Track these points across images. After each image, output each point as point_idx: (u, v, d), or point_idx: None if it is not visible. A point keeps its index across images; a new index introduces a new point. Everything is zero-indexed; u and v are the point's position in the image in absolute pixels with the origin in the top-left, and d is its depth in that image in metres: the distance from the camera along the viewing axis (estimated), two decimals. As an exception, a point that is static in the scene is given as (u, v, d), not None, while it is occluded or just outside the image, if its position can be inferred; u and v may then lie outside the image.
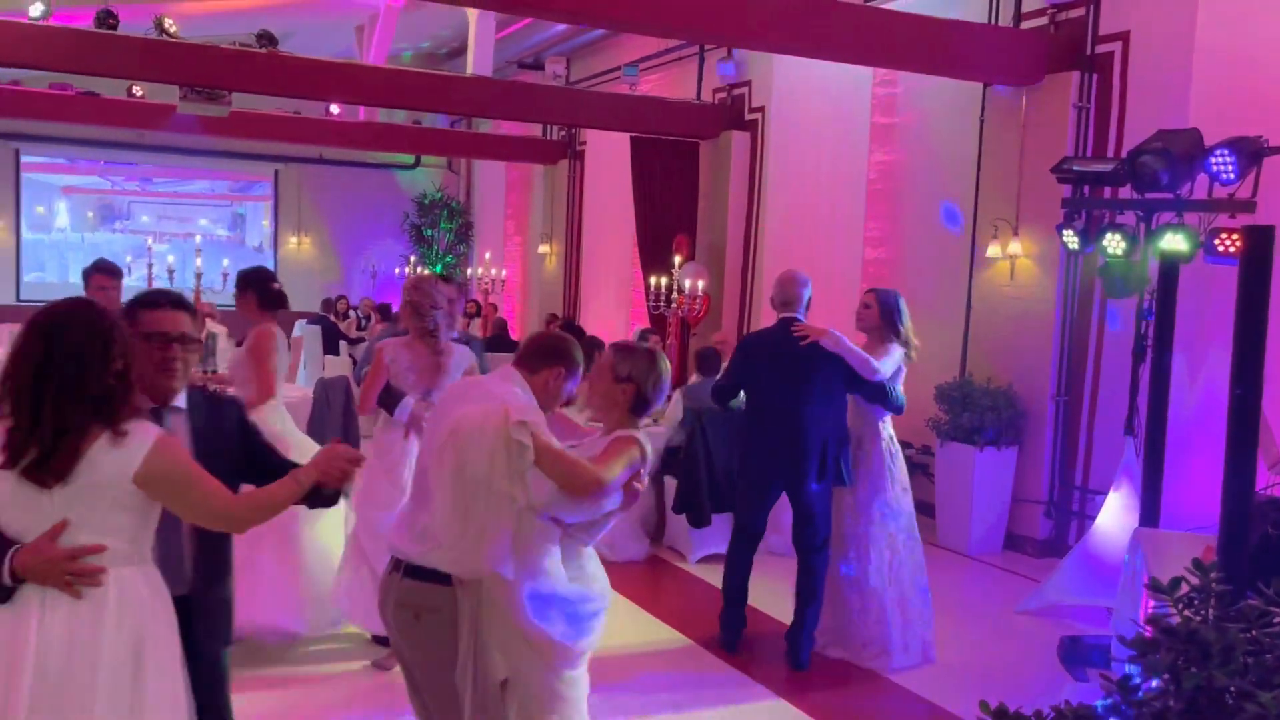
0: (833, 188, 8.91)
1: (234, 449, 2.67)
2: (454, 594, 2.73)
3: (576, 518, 2.83)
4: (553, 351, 3.01)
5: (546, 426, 2.86)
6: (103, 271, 5.34)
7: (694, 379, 7.23)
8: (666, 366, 3.11)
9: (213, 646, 2.68)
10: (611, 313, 12.09)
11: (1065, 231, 5.48)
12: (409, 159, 16.63)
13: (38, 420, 2.21)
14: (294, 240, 16.51)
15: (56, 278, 15.21)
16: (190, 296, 6.84)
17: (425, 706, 2.90)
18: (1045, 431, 6.98)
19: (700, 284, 8.65)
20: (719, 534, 6.18)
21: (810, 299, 4.95)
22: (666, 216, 10.21)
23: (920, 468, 7.73)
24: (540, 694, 2.79)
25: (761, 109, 9.79)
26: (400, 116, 13.53)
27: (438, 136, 14.35)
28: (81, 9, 8.75)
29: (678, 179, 10.25)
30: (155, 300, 2.63)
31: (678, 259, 9.26)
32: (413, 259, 15.73)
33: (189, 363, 2.61)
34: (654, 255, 10.13)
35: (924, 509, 7.51)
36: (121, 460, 2.25)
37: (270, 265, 16.26)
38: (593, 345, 6.34)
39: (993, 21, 7.42)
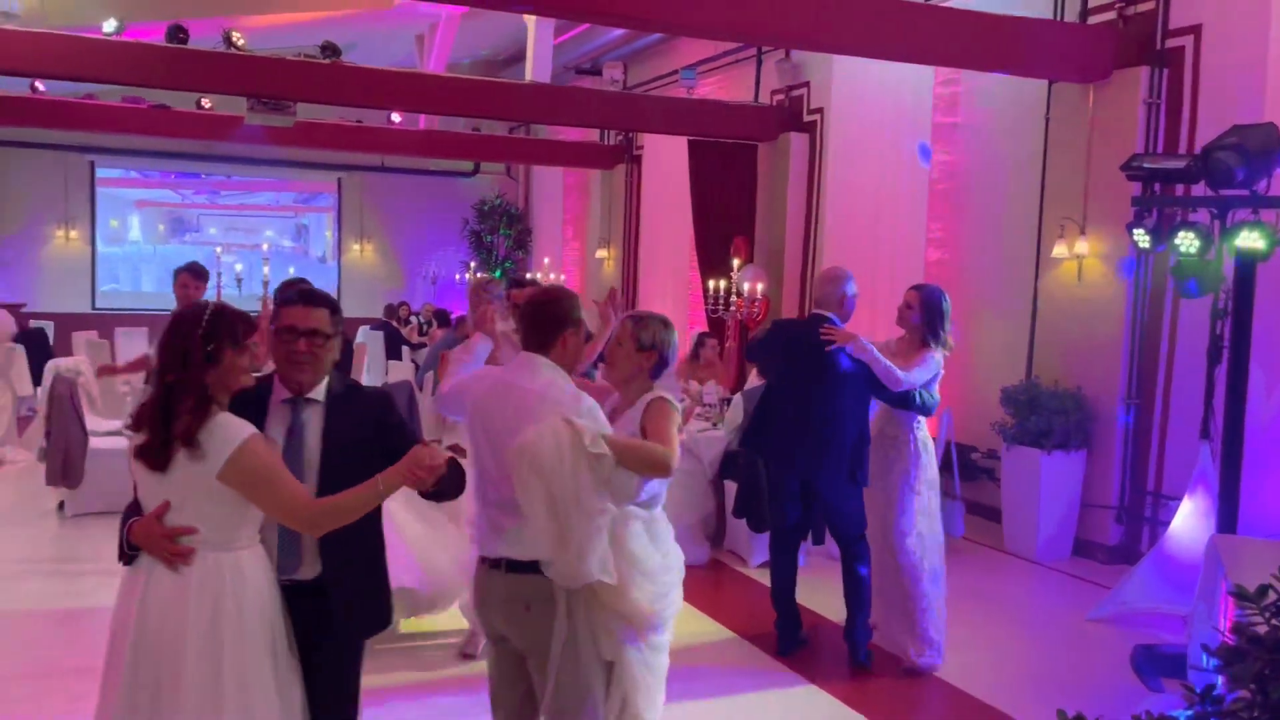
0: (893, 189, 8.81)
1: (369, 441, 2.74)
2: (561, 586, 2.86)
3: (646, 494, 2.95)
4: (553, 319, 3.01)
5: (599, 411, 2.94)
6: (188, 272, 5.58)
7: (752, 381, 7.20)
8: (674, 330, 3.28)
9: (349, 632, 2.80)
10: (671, 316, 12.08)
11: (1136, 230, 5.36)
12: (468, 166, 16.82)
13: (156, 408, 2.52)
14: (356, 247, 16.79)
15: (130, 287, 15.63)
16: (259, 304, 7.01)
17: (538, 693, 2.95)
18: (1116, 435, 6.82)
19: (759, 287, 8.61)
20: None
21: (850, 296, 4.84)
22: (724, 219, 10.19)
23: (985, 472, 7.61)
24: (631, 665, 2.91)
25: (820, 110, 9.72)
26: (460, 124, 13.68)
27: (496, 143, 14.49)
28: (153, 24, 8.98)
29: (736, 181, 10.22)
30: (289, 296, 2.85)
31: (736, 262, 9.22)
32: (472, 265, 15.91)
33: (319, 357, 2.75)
34: (712, 258, 10.10)
35: (989, 514, 7.42)
36: (210, 458, 2.49)
37: (334, 272, 16.60)
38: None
39: (1058, 17, 7.28)
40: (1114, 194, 6.55)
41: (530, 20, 10.28)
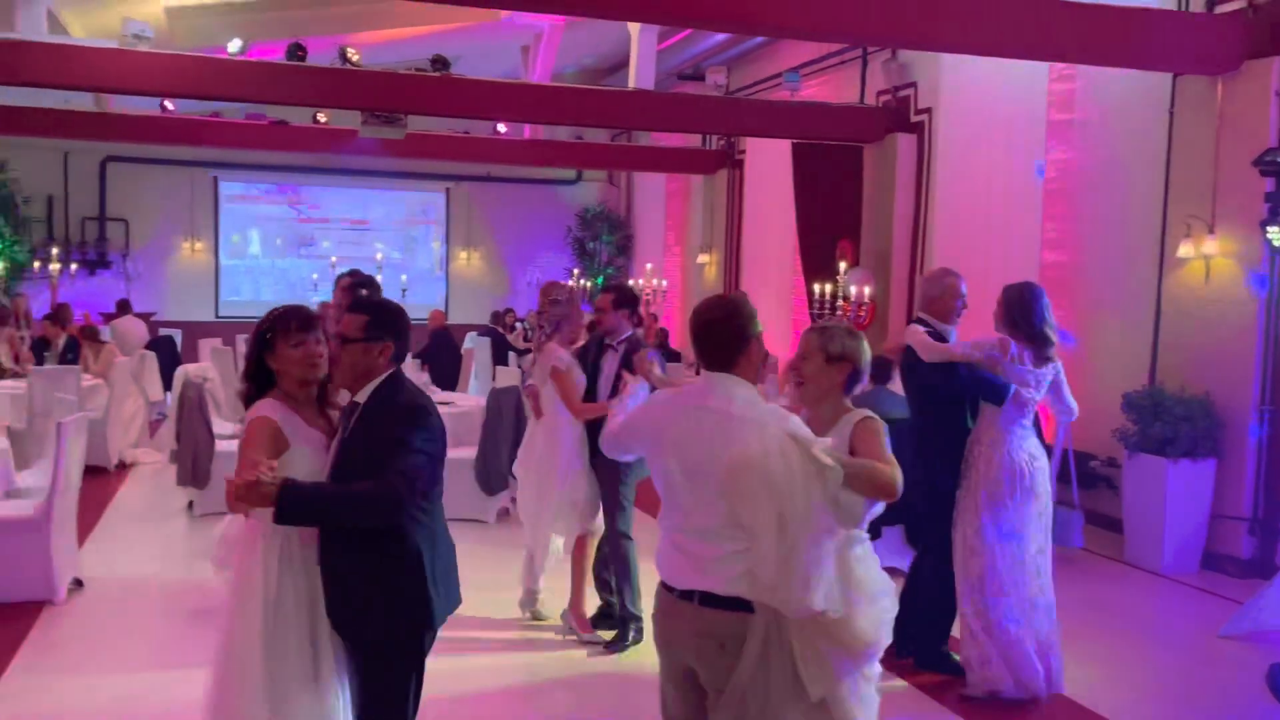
0: (1006, 188, 8.58)
1: (371, 449, 2.88)
2: (759, 619, 2.67)
3: (869, 518, 2.80)
4: (732, 335, 2.82)
5: (805, 427, 2.77)
6: (349, 277, 5.76)
7: (863, 388, 7.08)
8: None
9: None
10: (773, 321, 12.01)
11: (1270, 228, 5.12)
12: (571, 174, 17.03)
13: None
14: (464, 256, 17.15)
15: (250, 297, 16.29)
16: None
17: None
18: (1248, 444, 6.49)
19: (866, 290, 8.48)
20: (890, 547, 6.04)
21: (949, 296, 4.68)
22: (829, 222, 10.07)
23: (1104, 480, 7.34)
24: (845, 700, 2.72)
25: (928, 110, 9.53)
26: (562, 132, 13.87)
27: (599, 150, 14.62)
28: (274, 43, 9.36)
29: (841, 184, 10.10)
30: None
31: (842, 265, 9.11)
32: (575, 272, 16.08)
33: (341, 361, 3.02)
34: (816, 262, 10.00)
35: (1110, 524, 7.14)
36: None
37: (442, 281, 16.98)
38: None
39: (1183, 8, 6.99)
40: (1245, 191, 6.25)
41: (634, 28, 10.35)
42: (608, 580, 5.32)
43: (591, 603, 5.34)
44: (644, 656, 4.88)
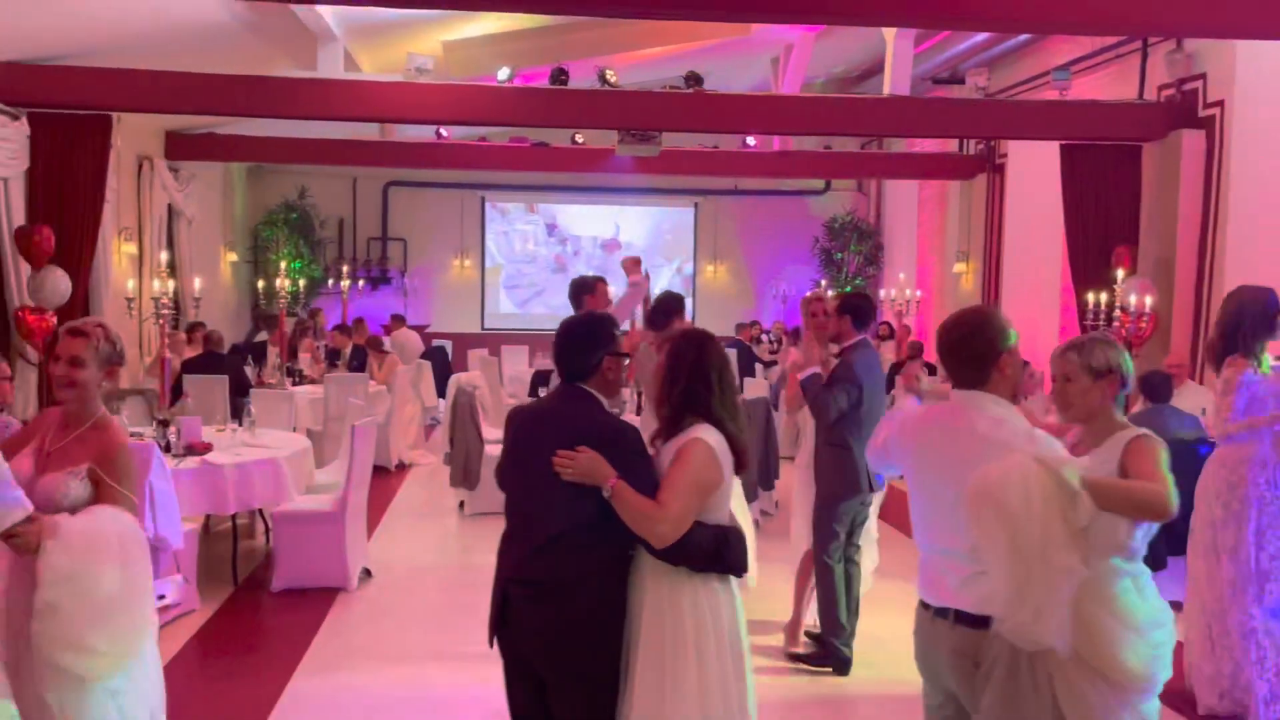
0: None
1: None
2: (1005, 639, 2.60)
3: (1136, 543, 2.67)
4: (982, 350, 2.74)
5: (1062, 447, 2.68)
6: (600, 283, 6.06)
7: (1139, 406, 6.55)
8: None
9: None
10: (1037, 333, 11.34)
11: None
12: (819, 184, 16.86)
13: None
14: (710, 268, 17.37)
15: (516, 309, 17.24)
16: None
17: None
18: None
19: (1147, 301, 7.84)
20: (1175, 579, 5.54)
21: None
22: (1103, 228, 9.39)
23: None
24: None
25: (1220, 103, 8.69)
26: (809, 142, 13.75)
27: (849, 159, 14.38)
28: (538, 69, 9.86)
29: (1116, 186, 9.39)
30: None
31: (1119, 273, 8.46)
32: (822, 282, 15.89)
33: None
34: (1088, 270, 9.34)
35: None
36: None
37: (690, 293, 17.28)
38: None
39: None
40: None
41: (889, 33, 10.12)
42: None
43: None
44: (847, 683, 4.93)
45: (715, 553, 2.80)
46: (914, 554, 2.96)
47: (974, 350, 2.75)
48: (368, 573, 6.48)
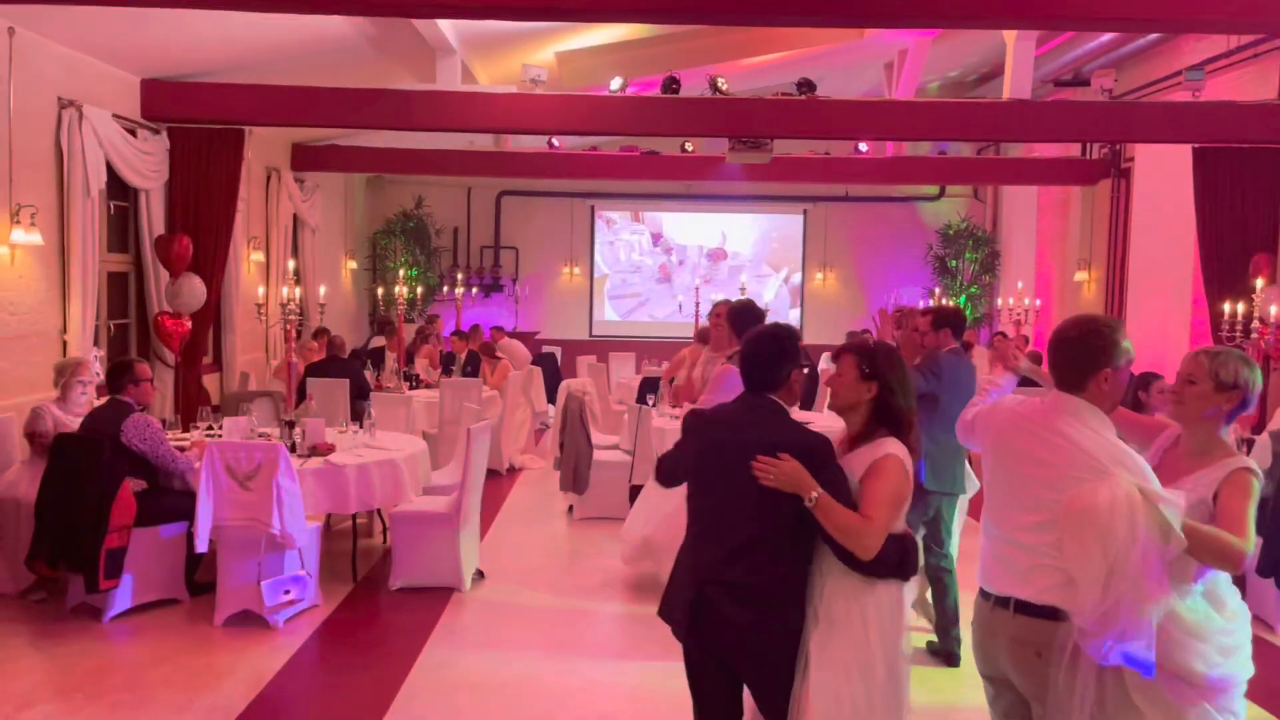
0: None
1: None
2: (1069, 629, 2.65)
3: (1201, 581, 2.72)
4: (1087, 354, 2.78)
5: (1150, 471, 2.69)
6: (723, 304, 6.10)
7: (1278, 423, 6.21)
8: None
9: None
10: (1164, 344, 10.86)
11: None
12: (933, 190, 16.52)
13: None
14: (819, 276, 17.18)
15: (621, 317, 17.36)
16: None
17: None
18: None
19: (1288, 311, 7.43)
20: (1261, 599, 5.29)
21: None
22: (1239, 235, 8.94)
23: None
24: None
25: (1371, 101, 8.19)
26: (923, 148, 13.47)
27: (964, 165, 14.04)
28: (650, 78, 9.92)
29: (1254, 191, 8.94)
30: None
31: (1259, 282, 8.04)
32: (936, 291, 15.54)
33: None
34: (1222, 279, 8.91)
35: None
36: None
37: (798, 301, 17.12)
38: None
39: None
40: None
41: (1009, 35, 9.84)
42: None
43: None
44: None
45: (900, 561, 2.93)
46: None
47: (1078, 355, 2.80)
48: (480, 574, 6.60)
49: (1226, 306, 7.87)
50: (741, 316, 5.36)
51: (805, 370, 3.14)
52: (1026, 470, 2.78)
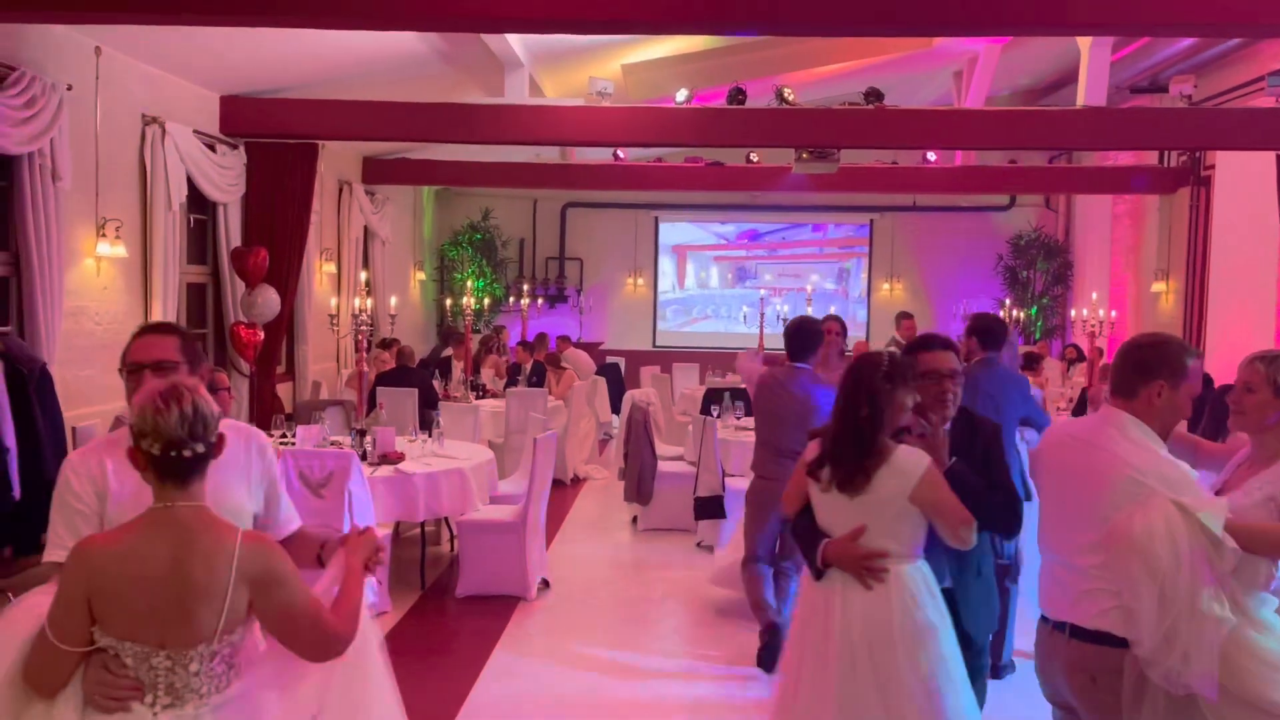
0: None
1: (978, 463, 3.09)
2: (1131, 656, 2.59)
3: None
4: (1149, 363, 2.72)
5: (1201, 485, 2.61)
6: (833, 319, 6.15)
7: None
8: None
9: (975, 632, 3.13)
10: (1245, 356, 10.54)
11: None
12: (1004, 200, 16.24)
13: (849, 442, 2.95)
14: (886, 286, 16.99)
15: (679, 327, 17.38)
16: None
17: None
18: None
19: (1380, 323, 7.15)
20: None
21: None
22: (1327, 244, 8.64)
23: None
24: None
25: None
26: (993, 157, 13.26)
27: (1036, 174, 13.78)
28: (716, 89, 9.92)
29: (1342, 199, 8.63)
30: (929, 343, 3.19)
31: (1346, 294, 7.76)
32: (1006, 302, 15.27)
33: (957, 395, 3.13)
34: (1309, 290, 8.62)
35: None
36: (900, 482, 2.89)
37: (864, 310, 16.96)
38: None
39: None
40: None
41: (1084, 41, 9.65)
42: None
43: None
44: None
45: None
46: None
47: (1138, 360, 2.76)
48: (546, 583, 6.64)
49: (1314, 319, 7.58)
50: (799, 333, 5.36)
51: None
52: (1074, 487, 2.75)
